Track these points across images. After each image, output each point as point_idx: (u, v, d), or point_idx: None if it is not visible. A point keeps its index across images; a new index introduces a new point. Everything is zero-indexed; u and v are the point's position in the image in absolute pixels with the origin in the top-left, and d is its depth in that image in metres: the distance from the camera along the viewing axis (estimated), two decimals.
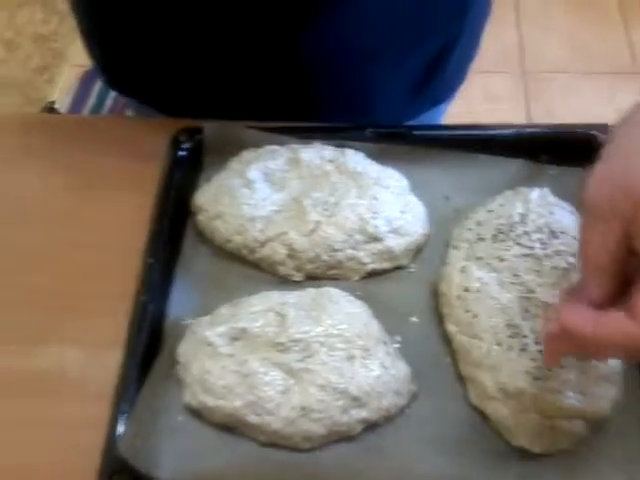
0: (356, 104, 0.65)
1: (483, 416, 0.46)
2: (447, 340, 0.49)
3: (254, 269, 0.53)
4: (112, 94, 1.75)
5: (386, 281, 0.53)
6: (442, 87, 0.70)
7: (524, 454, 0.45)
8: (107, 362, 0.49)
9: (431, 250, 0.54)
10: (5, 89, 1.81)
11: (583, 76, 1.80)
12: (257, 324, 0.47)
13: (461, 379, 0.48)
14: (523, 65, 1.84)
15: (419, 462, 0.45)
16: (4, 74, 1.85)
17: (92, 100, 1.75)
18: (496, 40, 1.81)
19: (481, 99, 1.70)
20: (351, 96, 0.64)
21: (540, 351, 0.45)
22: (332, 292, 0.49)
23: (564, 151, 0.57)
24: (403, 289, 0.52)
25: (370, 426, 0.46)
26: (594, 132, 0.56)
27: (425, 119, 0.70)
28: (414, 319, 0.51)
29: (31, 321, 0.53)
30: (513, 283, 0.48)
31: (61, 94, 1.81)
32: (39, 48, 1.93)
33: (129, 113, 0.82)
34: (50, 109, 1.67)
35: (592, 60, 1.83)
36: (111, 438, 0.44)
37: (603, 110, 0.55)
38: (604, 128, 0.56)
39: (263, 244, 0.52)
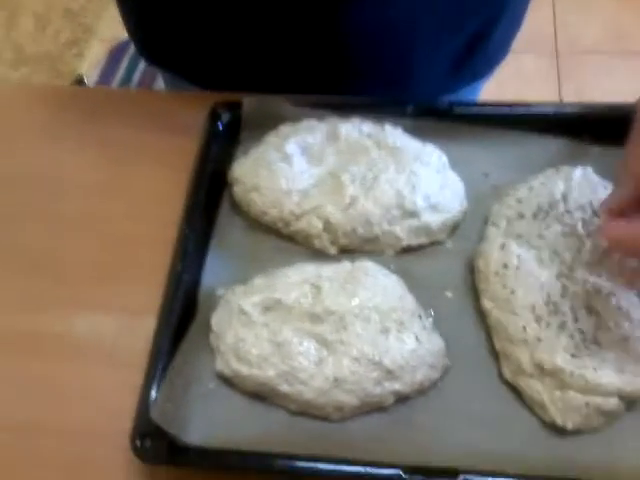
0: (395, 78, 0.64)
1: (516, 392, 0.46)
2: (482, 316, 0.49)
3: (288, 242, 0.53)
4: (140, 68, 1.76)
5: (421, 256, 0.53)
6: (483, 63, 0.69)
7: (556, 431, 0.45)
8: (141, 330, 0.49)
9: (468, 226, 0.53)
10: (35, 63, 1.83)
11: (617, 57, 1.76)
12: (292, 295, 0.47)
13: (494, 355, 0.48)
14: (556, 45, 1.81)
15: (449, 435, 0.45)
16: (35, 49, 1.86)
17: (120, 74, 1.76)
18: (530, 20, 1.78)
19: (512, 79, 1.67)
20: (391, 70, 0.63)
21: (579, 329, 0.45)
22: (368, 265, 0.49)
23: (607, 130, 0.55)
24: (438, 264, 0.52)
25: (402, 398, 0.46)
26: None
27: (462, 95, 0.69)
28: (448, 294, 0.51)
29: (68, 289, 0.53)
30: (552, 261, 0.47)
31: (90, 68, 1.82)
32: (69, 23, 1.94)
33: (157, 87, 0.82)
34: (79, 82, 1.68)
35: (626, 41, 1.79)
36: (144, 402, 0.45)
37: (636, 93, 0.53)
38: None
39: (299, 217, 0.52)
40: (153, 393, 0.45)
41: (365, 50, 0.61)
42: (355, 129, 0.54)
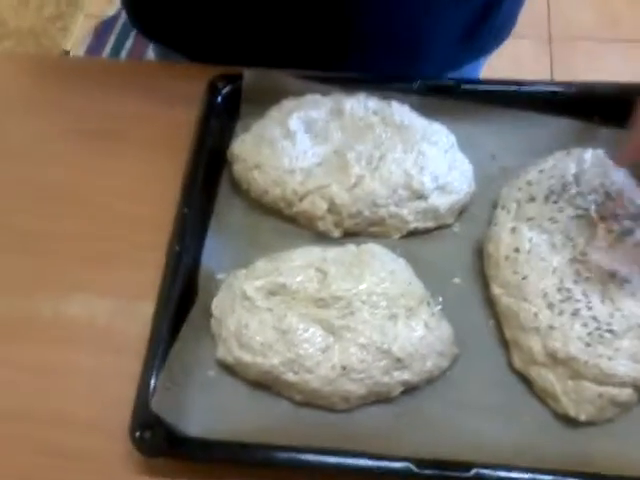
0: (404, 47, 0.62)
1: (526, 381, 0.45)
2: (491, 303, 0.48)
3: (290, 224, 0.52)
4: (127, 45, 1.72)
5: (428, 240, 0.51)
6: (491, 36, 0.67)
7: (568, 422, 0.43)
8: (138, 314, 0.48)
9: (476, 209, 0.52)
10: (19, 38, 1.77)
11: (610, 44, 1.75)
12: (297, 279, 0.45)
13: (504, 343, 0.46)
14: (549, 31, 1.79)
15: (458, 427, 0.43)
16: (18, 23, 1.81)
17: (107, 51, 1.72)
18: (524, 5, 1.77)
19: (505, 64, 1.65)
20: (400, 39, 0.61)
21: (593, 317, 0.43)
22: (374, 249, 0.47)
23: (619, 111, 0.54)
24: (445, 249, 0.50)
25: (410, 388, 0.44)
26: None
27: (465, 73, 0.67)
28: (457, 280, 0.49)
29: (61, 271, 0.51)
30: (565, 245, 0.46)
31: (75, 44, 1.77)
32: None
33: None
34: (66, 56, 1.64)
35: (620, 28, 1.77)
36: (142, 392, 0.43)
37: (629, 79, 0.52)
38: None
39: (302, 197, 0.50)
40: (152, 382, 0.43)
41: (374, 18, 0.59)
42: (361, 105, 0.52)
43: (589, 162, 0.50)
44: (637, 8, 1.81)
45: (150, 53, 0.79)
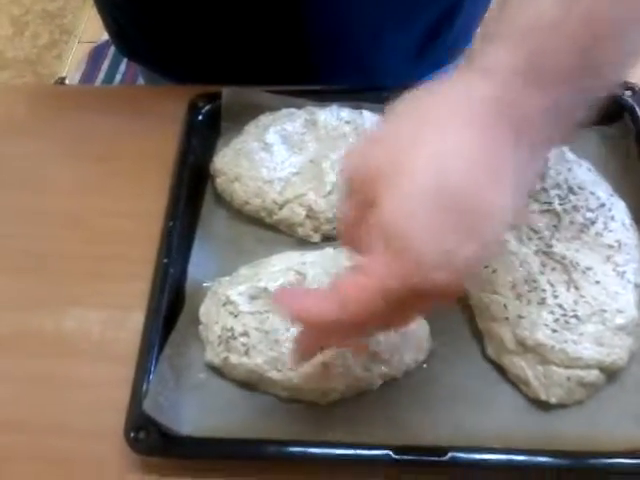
0: (360, 67, 0.64)
1: (500, 370, 0.47)
2: (464, 297, 0.50)
3: (272, 231, 0.54)
4: (121, 69, 1.75)
5: None
6: (446, 50, 0.69)
7: (541, 405, 0.45)
8: (129, 324, 0.50)
9: None
10: (15, 66, 1.81)
11: None
12: (277, 283, 0.48)
13: (478, 335, 0.48)
14: None
15: (436, 415, 0.45)
16: (13, 51, 1.85)
17: (102, 76, 1.76)
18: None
19: None
20: (355, 59, 0.64)
21: (558, 304, 0.45)
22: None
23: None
24: None
25: (389, 380, 0.47)
26: (617, 90, 0.56)
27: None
28: None
29: (55, 287, 0.54)
30: (531, 238, 0.48)
31: (70, 70, 1.81)
32: (47, 25, 1.93)
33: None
34: (61, 85, 1.67)
35: None
36: (136, 395, 0.45)
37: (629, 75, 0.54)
38: (622, 86, 0.56)
39: (282, 206, 0.53)
40: (145, 385, 0.46)
41: (330, 37, 0.62)
42: (333, 116, 0.55)
43: (553, 159, 0.52)
44: None
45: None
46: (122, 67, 1.74)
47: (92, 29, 1.87)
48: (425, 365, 0.48)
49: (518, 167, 0.34)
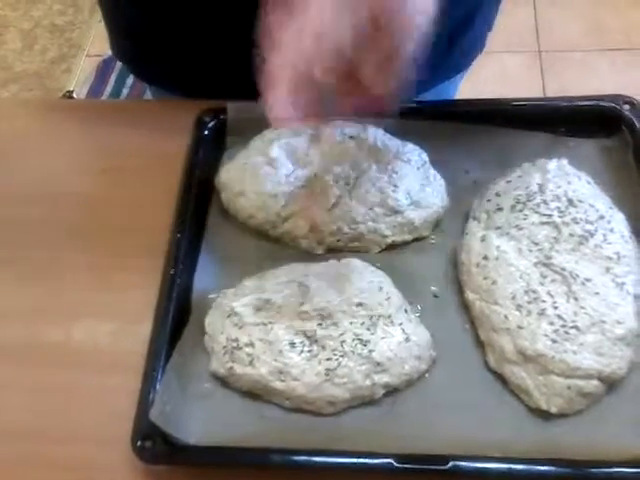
0: None
1: (501, 380, 0.48)
2: (466, 308, 0.51)
3: (276, 244, 0.55)
4: (128, 83, 1.77)
5: (406, 252, 0.54)
6: (462, 56, 0.70)
7: (541, 415, 0.46)
8: (137, 335, 0.51)
9: (450, 221, 0.55)
10: (24, 80, 1.84)
11: (598, 53, 1.79)
12: (281, 295, 0.49)
13: (479, 345, 0.49)
14: (538, 44, 1.83)
15: (438, 425, 0.46)
16: (22, 65, 1.88)
17: (109, 89, 1.78)
18: (511, 19, 1.81)
19: (496, 79, 1.70)
20: None
21: (558, 315, 0.46)
22: (354, 263, 0.51)
23: (583, 123, 0.57)
24: (422, 259, 0.54)
25: (391, 390, 0.47)
26: (613, 104, 0.57)
27: (441, 91, 0.71)
28: (433, 288, 0.52)
29: (64, 298, 0.55)
30: (531, 250, 0.49)
31: (78, 84, 1.83)
32: (56, 39, 1.96)
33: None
34: (69, 98, 1.69)
35: (607, 37, 1.81)
36: (143, 404, 0.46)
37: (619, 88, 0.55)
38: (620, 100, 0.57)
39: (285, 219, 0.53)
40: (151, 395, 0.47)
41: None
42: (337, 131, 0.56)
43: (553, 172, 0.53)
44: (620, 18, 1.85)
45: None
46: (129, 81, 1.76)
47: (100, 43, 1.89)
48: (427, 375, 0.48)
49: None
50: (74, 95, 1.75)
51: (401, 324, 0.48)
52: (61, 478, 0.47)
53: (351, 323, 0.47)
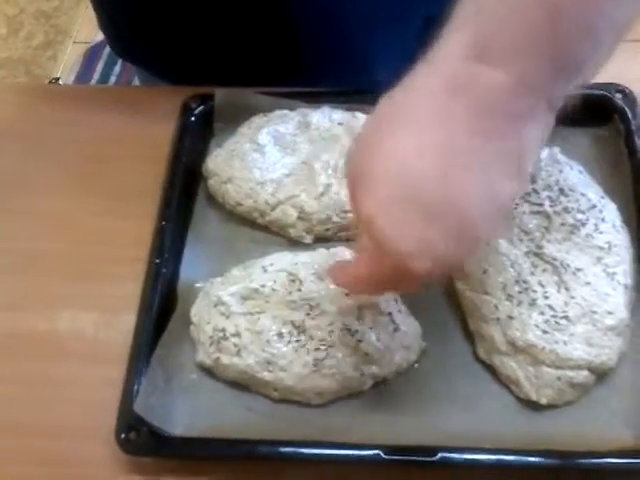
0: (354, 66, 0.64)
1: (491, 371, 0.47)
2: (456, 298, 0.50)
3: (264, 232, 0.54)
4: (116, 71, 1.75)
5: None
6: None
7: (531, 406, 0.46)
8: (121, 325, 0.50)
9: None
10: (9, 67, 1.81)
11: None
12: (269, 284, 0.48)
13: (469, 335, 0.49)
14: None
15: (428, 415, 0.46)
16: (7, 52, 1.85)
17: (96, 77, 1.76)
18: None
19: None
20: (348, 58, 0.64)
21: (549, 305, 0.46)
22: (343, 252, 0.50)
23: (575, 112, 0.57)
24: None
25: (380, 381, 0.47)
26: (605, 92, 0.56)
27: None
28: None
29: (48, 287, 0.54)
30: (522, 240, 0.48)
31: (65, 71, 1.81)
32: (42, 25, 1.93)
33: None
34: (53, 84, 1.67)
35: None
36: (127, 396, 0.46)
37: (610, 77, 0.55)
38: (612, 88, 0.56)
39: (274, 207, 0.53)
40: (136, 386, 0.46)
41: (322, 36, 0.62)
42: (326, 117, 0.55)
43: (544, 161, 0.52)
44: None
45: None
46: (117, 68, 1.74)
47: (87, 29, 1.87)
48: (416, 365, 0.48)
49: (489, 150, 0.35)
50: (60, 82, 1.73)
51: (390, 314, 0.47)
52: (43, 472, 0.46)
53: (340, 313, 0.47)
